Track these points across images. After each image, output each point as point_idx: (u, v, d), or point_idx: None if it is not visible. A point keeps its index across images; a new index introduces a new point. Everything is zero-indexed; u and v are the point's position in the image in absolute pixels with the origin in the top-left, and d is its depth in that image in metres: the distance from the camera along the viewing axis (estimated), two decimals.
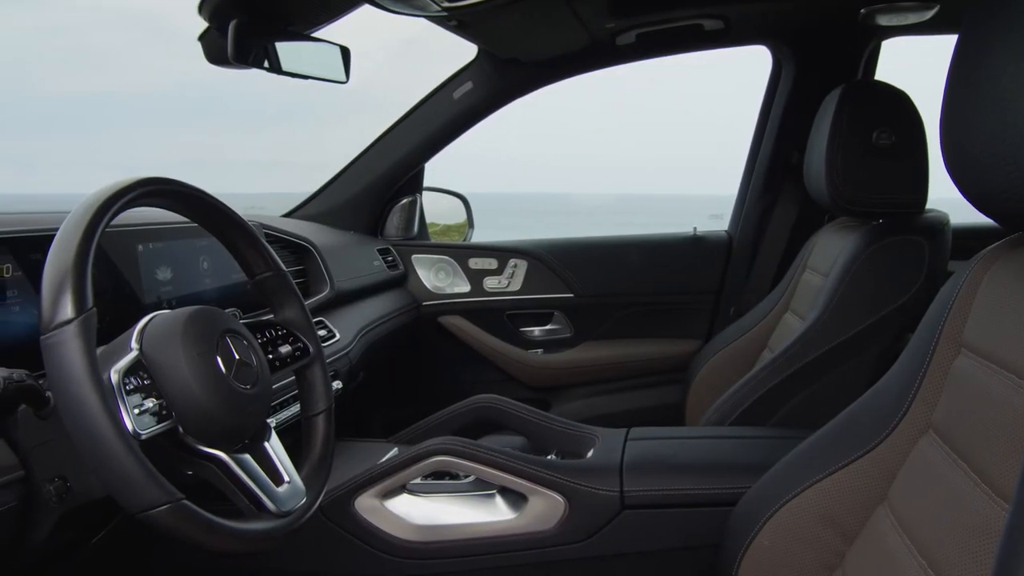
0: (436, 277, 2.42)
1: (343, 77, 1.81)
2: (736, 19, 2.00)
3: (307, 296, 1.78)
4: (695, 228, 2.45)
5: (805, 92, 2.17)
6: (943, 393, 0.88)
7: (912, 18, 1.94)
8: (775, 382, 1.62)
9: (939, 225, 1.62)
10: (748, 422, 1.63)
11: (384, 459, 1.40)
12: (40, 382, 0.85)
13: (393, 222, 2.45)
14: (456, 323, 2.40)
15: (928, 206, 1.66)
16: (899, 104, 1.61)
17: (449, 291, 2.41)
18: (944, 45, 2.15)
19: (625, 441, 1.41)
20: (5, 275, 1.00)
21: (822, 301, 1.63)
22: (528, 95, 2.28)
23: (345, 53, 1.78)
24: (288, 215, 2.37)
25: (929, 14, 1.91)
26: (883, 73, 2.26)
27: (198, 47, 1.61)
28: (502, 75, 2.18)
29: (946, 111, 0.82)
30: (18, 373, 0.82)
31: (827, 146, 1.62)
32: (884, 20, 1.95)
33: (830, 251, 1.75)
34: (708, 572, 1.25)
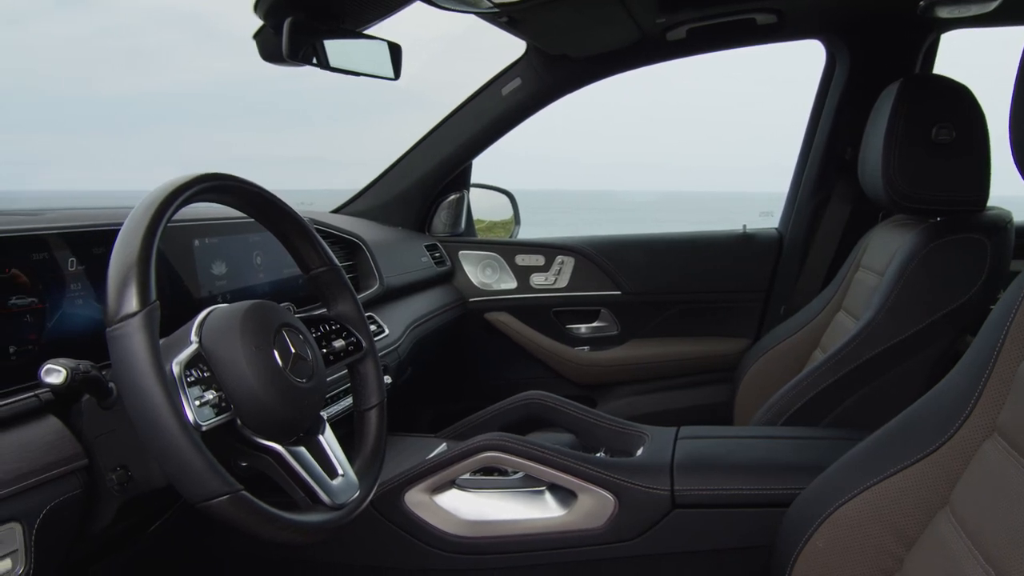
0: (483, 273, 2.42)
1: (393, 74, 1.82)
2: (789, 13, 1.97)
3: (356, 291, 1.80)
4: (744, 225, 2.42)
5: (860, 87, 2.13)
6: (1009, 396, 0.86)
7: (975, 9, 1.88)
8: (828, 382, 1.59)
9: (1002, 223, 1.57)
10: (800, 422, 1.60)
11: (433, 454, 1.41)
12: (103, 373, 0.87)
13: (440, 218, 2.46)
14: (502, 319, 2.40)
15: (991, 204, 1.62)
16: (960, 99, 1.57)
17: (496, 287, 2.41)
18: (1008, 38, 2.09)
19: (675, 440, 1.40)
20: (69, 269, 1.02)
21: (877, 301, 1.59)
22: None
23: (395, 50, 1.79)
24: (337, 211, 2.40)
25: (993, 5, 1.85)
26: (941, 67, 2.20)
27: (245, 47, 1.63)
28: (551, 71, 2.18)
29: (1016, 104, 0.79)
30: (84, 364, 0.84)
31: (884, 142, 1.59)
32: (944, 12, 1.90)
33: (886, 249, 1.71)
34: (760, 573, 1.24)
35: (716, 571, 1.27)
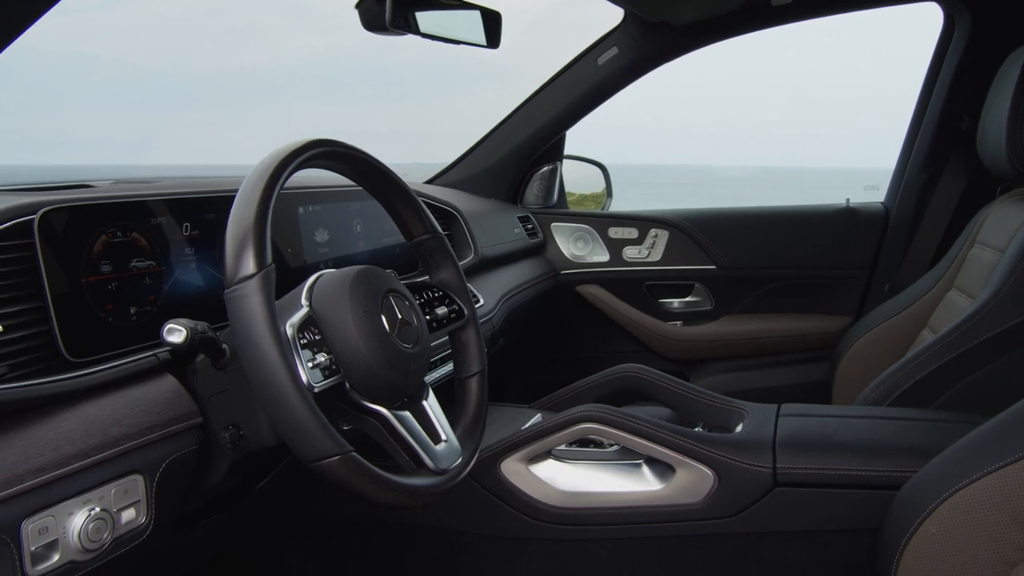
0: (575, 246, 2.40)
1: (488, 42, 1.80)
2: None
3: None
4: (848, 199, 2.34)
5: (981, 52, 2.01)
6: None
7: None
8: (939, 364, 1.52)
9: None
10: (908, 404, 1.54)
11: (528, 424, 1.41)
12: (218, 334, 0.90)
13: (533, 190, 2.45)
14: (594, 292, 2.38)
15: None
16: None
17: (588, 260, 2.40)
18: None
19: (777, 416, 1.36)
20: (183, 234, 1.06)
21: (997, 279, 1.51)
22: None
23: (493, 18, 1.77)
24: (431, 181, 2.41)
25: None
26: None
27: (338, 22, 1.65)
28: (649, 40, 2.13)
29: None
30: (201, 325, 0.87)
31: (1010, 110, 1.50)
32: None
33: (1007, 224, 1.62)
34: (865, 557, 1.20)
35: (818, 553, 1.24)
